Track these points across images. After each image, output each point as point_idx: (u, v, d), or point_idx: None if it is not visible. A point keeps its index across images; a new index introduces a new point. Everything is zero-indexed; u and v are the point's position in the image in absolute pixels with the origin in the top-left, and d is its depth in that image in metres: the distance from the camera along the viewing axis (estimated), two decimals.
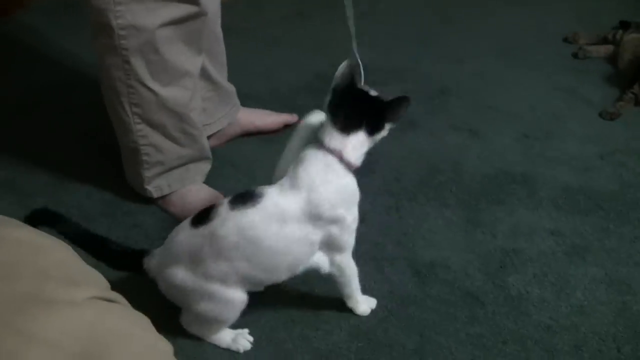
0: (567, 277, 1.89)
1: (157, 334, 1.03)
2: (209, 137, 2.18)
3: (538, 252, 1.96)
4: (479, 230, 2.03)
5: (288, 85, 2.69)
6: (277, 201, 1.52)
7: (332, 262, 1.63)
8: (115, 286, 1.05)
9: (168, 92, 1.89)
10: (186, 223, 1.59)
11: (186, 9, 1.80)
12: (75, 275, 0.99)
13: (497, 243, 1.99)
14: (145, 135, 1.93)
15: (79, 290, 0.95)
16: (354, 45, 1.91)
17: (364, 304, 1.77)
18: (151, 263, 1.61)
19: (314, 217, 1.52)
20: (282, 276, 1.60)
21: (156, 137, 1.95)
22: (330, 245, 1.59)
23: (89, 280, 1.01)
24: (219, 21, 2.15)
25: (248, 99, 2.39)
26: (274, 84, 2.69)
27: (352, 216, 1.59)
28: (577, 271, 1.91)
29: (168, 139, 1.96)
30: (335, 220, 1.55)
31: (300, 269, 1.61)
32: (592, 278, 1.89)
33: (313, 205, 1.51)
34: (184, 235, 1.57)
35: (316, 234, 1.55)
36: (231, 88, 2.30)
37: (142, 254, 1.63)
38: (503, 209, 2.11)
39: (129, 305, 1.03)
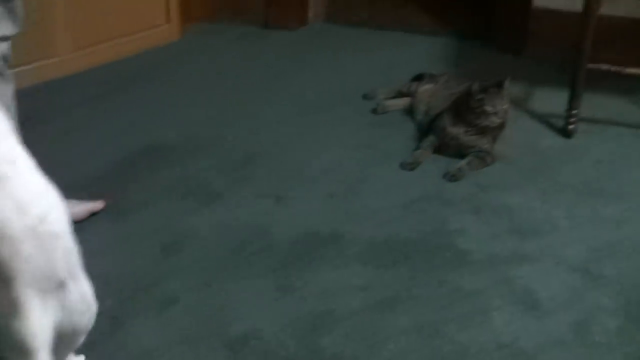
0: (378, 331, 1.93)
1: None
2: None
3: (349, 310, 2.00)
4: (290, 295, 2.05)
5: (93, 170, 2.64)
6: None
7: None
8: None
9: None
10: None
11: None
12: None
13: (308, 306, 2.01)
14: None
15: None
16: None
17: None
18: None
19: None
20: None
21: None
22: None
23: None
24: (13, 117, 2.09)
25: (53, 185, 2.34)
26: (77, 172, 2.64)
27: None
28: (387, 323, 1.96)
29: None
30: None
31: None
32: (403, 328, 1.94)
33: None
34: None
35: None
36: None
37: None
38: (313, 271, 2.15)
39: None
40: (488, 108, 2.61)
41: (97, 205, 2.37)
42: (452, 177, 2.58)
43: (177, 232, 2.32)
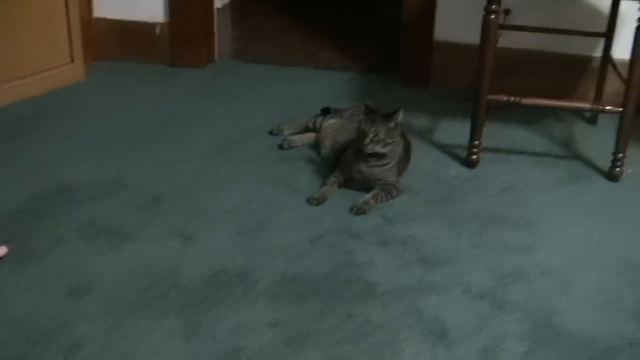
0: None
1: None
2: None
3: (259, 347, 2.00)
4: (200, 334, 2.04)
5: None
6: None
7: None
8: None
9: None
10: None
11: None
12: None
13: (217, 345, 2.00)
14: None
15: None
16: None
17: None
18: None
19: None
20: None
21: None
22: None
23: None
24: None
25: None
26: None
27: None
28: (297, 358, 1.96)
29: None
30: None
31: None
32: None
33: None
34: None
35: None
36: None
37: None
38: (222, 310, 2.13)
39: None
40: (367, 133, 2.63)
41: (1, 251, 2.32)
42: (358, 210, 2.60)
43: (86, 274, 2.28)
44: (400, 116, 2.67)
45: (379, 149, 2.65)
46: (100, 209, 2.61)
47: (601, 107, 2.88)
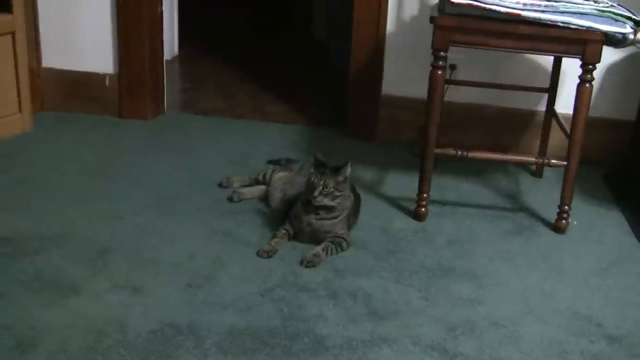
0: None
1: None
2: None
3: None
4: None
5: None
6: None
7: None
8: None
9: None
10: None
11: None
12: None
13: None
14: None
15: None
16: None
17: None
18: None
19: None
20: None
21: None
22: None
23: None
24: None
25: None
26: None
27: None
28: None
29: None
30: None
31: None
32: None
33: None
34: None
35: None
36: None
37: None
38: None
39: None
40: (316, 186, 2.64)
41: None
42: (308, 263, 2.60)
43: (31, 327, 2.23)
44: (349, 169, 2.69)
45: (327, 201, 2.66)
46: (44, 262, 2.57)
47: (546, 161, 2.93)
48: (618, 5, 2.80)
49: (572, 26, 2.68)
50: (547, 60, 3.38)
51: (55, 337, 2.20)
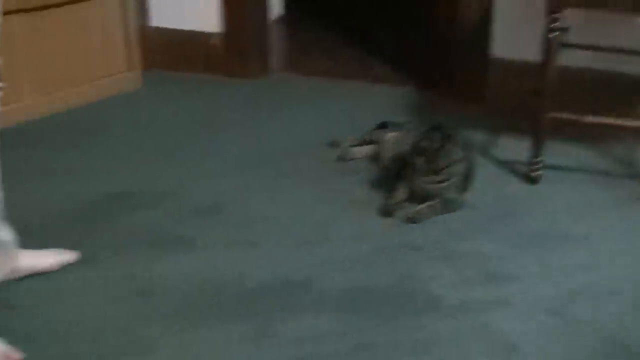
0: None
1: None
2: None
3: (325, 355, 1.98)
4: (267, 341, 2.03)
5: (60, 217, 2.60)
6: None
7: None
8: None
9: None
10: None
11: None
12: None
13: (285, 352, 1.99)
14: None
15: None
16: None
17: None
18: None
19: None
20: None
21: None
22: None
23: None
24: None
25: (20, 236, 2.28)
26: (45, 218, 2.60)
27: None
28: None
29: None
30: None
31: None
32: None
33: None
34: None
35: None
36: (7, 237, 2.17)
37: None
38: (288, 317, 2.12)
39: None
40: (429, 149, 2.62)
41: (71, 256, 2.33)
42: (411, 219, 2.59)
43: (151, 278, 2.29)
44: (461, 135, 2.65)
45: (439, 165, 2.63)
46: (159, 216, 2.62)
47: None
48: None
49: None
50: None
51: (174, 288, 2.25)
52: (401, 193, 2.69)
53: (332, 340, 2.04)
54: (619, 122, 3.08)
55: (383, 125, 3.11)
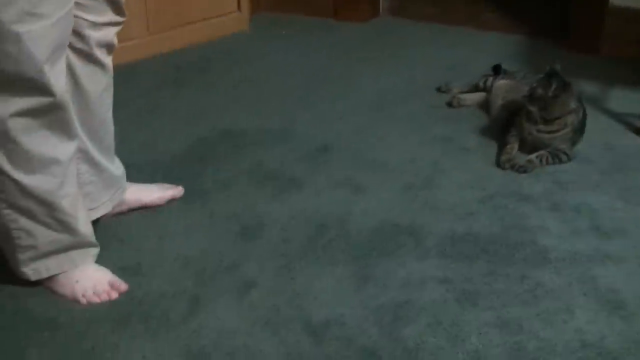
0: (460, 324, 1.90)
1: None
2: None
3: (430, 301, 1.98)
4: (371, 284, 2.03)
5: (168, 154, 2.66)
6: None
7: None
8: None
9: (32, 181, 1.81)
10: None
11: (38, 100, 1.73)
12: None
13: (389, 295, 1.99)
14: (14, 219, 1.86)
15: None
16: None
17: None
18: None
19: None
20: None
21: (26, 222, 1.87)
22: None
23: None
24: (106, 105, 2.11)
25: (129, 171, 2.34)
26: (154, 154, 2.66)
27: None
28: (469, 317, 1.93)
29: (39, 224, 1.88)
30: None
31: None
32: (485, 322, 1.91)
33: None
34: None
35: None
36: (117, 171, 2.23)
37: None
38: (392, 261, 2.12)
39: None
40: (543, 97, 2.56)
41: (177, 191, 2.38)
42: (520, 168, 2.54)
43: (255, 216, 2.31)
44: (574, 88, 2.58)
45: (553, 114, 2.57)
46: (266, 155, 2.65)
47: None
48: None
49: None
50: None
51: (278, 228, 2.27)
52: (513, 144, 2.64)
53: (438, 287, 2.03)
54: None
55: (495, 71, 3.05)
